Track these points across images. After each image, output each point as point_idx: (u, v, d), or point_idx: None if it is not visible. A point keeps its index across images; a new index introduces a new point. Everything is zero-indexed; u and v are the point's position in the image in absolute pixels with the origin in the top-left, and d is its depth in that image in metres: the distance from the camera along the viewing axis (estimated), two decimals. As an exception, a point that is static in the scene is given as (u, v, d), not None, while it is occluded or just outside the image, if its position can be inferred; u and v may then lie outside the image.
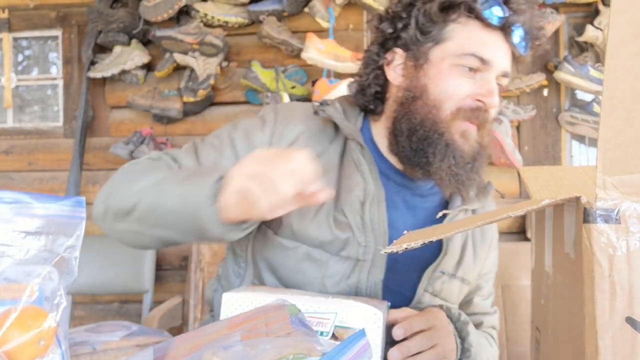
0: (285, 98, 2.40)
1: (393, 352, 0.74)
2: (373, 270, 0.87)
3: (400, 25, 0.88)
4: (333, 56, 2.33)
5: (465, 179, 0.86)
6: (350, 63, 2.32)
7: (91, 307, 2.68)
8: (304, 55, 2.33)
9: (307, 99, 2.51)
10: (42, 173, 2.74)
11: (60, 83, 2.77)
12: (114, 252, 2.46)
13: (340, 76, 2.39)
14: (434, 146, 0.85)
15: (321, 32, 2.43)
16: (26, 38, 2.84)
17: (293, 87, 2.47)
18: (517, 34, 0.85)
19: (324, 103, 0.93)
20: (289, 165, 0.67)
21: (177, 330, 2.17)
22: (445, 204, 0.95)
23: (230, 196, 0.70)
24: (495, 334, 1.02)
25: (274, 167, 0.67)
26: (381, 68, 0.91)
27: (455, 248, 0.92)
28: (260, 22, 2.45)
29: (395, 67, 0.90)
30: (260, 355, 0.44)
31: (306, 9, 2.45)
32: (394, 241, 0.55)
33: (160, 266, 2.60)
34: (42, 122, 2.81)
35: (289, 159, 0.68)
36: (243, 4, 2.49)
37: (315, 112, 0.91)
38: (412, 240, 0.49)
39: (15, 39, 2.82)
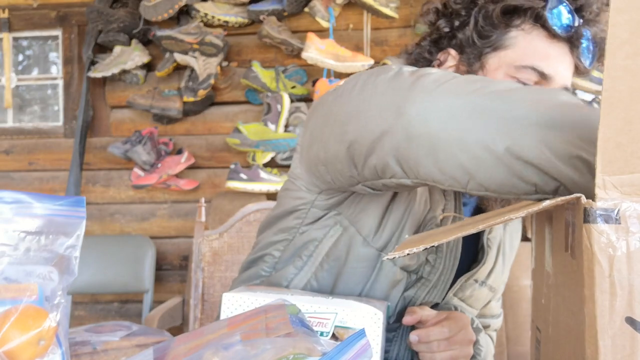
0: (286, 98, 2.40)
1: (412, 335, 0.78)
2: (433, 290, 0.84)
3: (457, 23, 0.82)
4: (333, 56, 2.33)
5: None
6: (351, 63, 2.32)
7: (91, 307, 2.68)
8: (304, 55, 2.34)
9: (307, 99, 2.51)
10: (42, 173, 2.74)
11: (60, 83, 2.78)
12: (114, 252, 2.46)
13: (340, 76, 2.39)
14: None
15: (321, 32, 2.43)
16: (26, 38, 2.84)
17: (293, 87, 2.48)
18: (586, 47, 0.78)
19: None
20: None
21: (177, 330, 2.18)
22: (477, 212, 0.91)
23: None
24: (495, 336, 1.03)
25: None
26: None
27: (491, 257, 0.90)
28: (261, 21, 2.45)
29: (447, 70, 0.82)
30: (260, 355, 0.44)
31: (306, 9, 2.45)
32: (396, 247, 0.55)
33: (160, 266, 2.61)
34: (42, 122, 2.82)
35: None
36: (243, 4, 2.49)
37: None
38: (414, 245, 0.49)
39: (15, 39, 2.82)
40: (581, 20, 0.77)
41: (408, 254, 0.47)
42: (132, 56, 2.49)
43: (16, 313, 0.44)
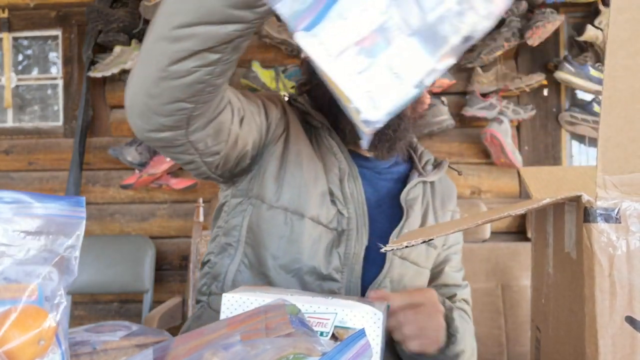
0: (285, 98, 2.40)
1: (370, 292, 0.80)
2: (359, 237, 0.95)
3: None
4: (333, 56, 2.33)
5: (393, 135, 0.97)
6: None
7: (91, 307, 2.68)
8: (303, 55, 2.33)
9: (307, 98, 2.51)
10: (42, 173, 2.74)
11: (60, 83, 2.78)
12: (114, 252, 2.46)
13: (340, 76, 2.39)
14: None
15: (321, 32, 2.43)
16: (26, 38, 2.84)
17: (293, 87, 2.47)
18: None
19: (292, 96, 1.08)
20: None
21: (177, 330, 2.18)
22: (403, 181, 1.05)
23: None
24: (469, 309, 1.06)
25: None
26: None
27: (415, 214, 1.00)
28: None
29: None
30: (260, 355, 0.44)
31: (306, 9, 2.45)
32: (394, 240, 0.55)
33: (160, 266, 2.61)
34: (42, 122, 2.81)
35: None
36: (243, 4, 2.49)
37: (290, 103, 1.04)
38: (412, 238, 0.49)
39: (15, 39, 2.82)
40: None
41: (406, 247, 0.48)
42: (132, 56, 2.49)
43: (16, 313, 0.44)
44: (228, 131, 0.86)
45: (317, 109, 1.04)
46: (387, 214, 1.00)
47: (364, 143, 0.59)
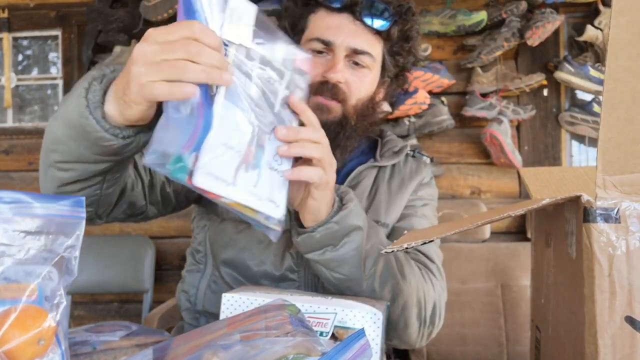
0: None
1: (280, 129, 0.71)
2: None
3: (286, 23, 1.02)
4: (333, 56, 2.33)
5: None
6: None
7: (91, 307, 2.68)
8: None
9: (307, 98, 2.51)
10: (42, 173, 2.74)
11: (60, 83, 2.77)
12: (113, 252, 2.46)
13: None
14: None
15: (321, 32, 2.43)
16: (26, 38, 2.84)
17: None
18: (365, 12, 0.93)
19: None
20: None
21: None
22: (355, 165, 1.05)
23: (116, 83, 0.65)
24: (433, 267, 0.99)
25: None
26: None
27: (357, 197, 0.95)
28: (260, 22, 2.45)
29: None
30: (260, 355, 0.44)
31: (306, 9, 2.46)
32: (395, 242, 0.55)
33: (160, 266, 2.61)
34: (42, 122, 2.81)
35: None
36: (243, 4, 2.49)
37: None
38: (412, 240, 0.49)
39: (15, 39, 2.82)
40: None
41: (406, 248, 0.48)
42: (131, 56, 2.49)
43: (16, 313, 0.44)
44: (143, 200, 0.94)
45: None
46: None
47: (274, 237, 0.67)
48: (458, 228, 0.49)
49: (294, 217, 0.84)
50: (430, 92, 2.37)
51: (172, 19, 2.49)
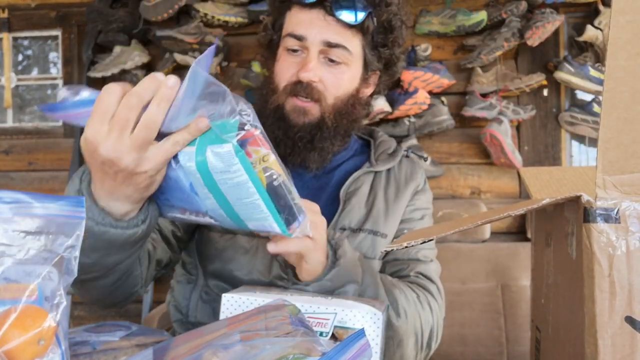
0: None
1: (270, 245, 0.74)
2: None
3: (269, 27, 1.03)
4: (333, 56, 2.33)
5: (305, 149, 0.95)
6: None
7: (91, 307, 2.68)
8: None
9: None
10: (42, 173, 2.74)
11: (60, 83, 2.78)
12: (113, 252, 2.46)
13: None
14: (276, 124, 0.95)
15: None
16: (26, 38, 2.84)
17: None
18: (336, 6, 0.92)
19: None
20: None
21: (177, 330, 2.17)
22: (348, 174, 1.02)
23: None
24: (433, 287, 0.97)
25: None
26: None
27: (356, 205, 0.99)
28: (260, 21, 2.44)
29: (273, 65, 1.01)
30: (260, 355, 0.44)
31: (306, 9, 2.45)
32: (395, 240, 0.55)
33: (160, 266, 2.60)
34: (42, 122, 2.81)
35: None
36: (243, 4, 2.49)
37: None
38: (412, 239, 0.49)
39: (15, 39, 2.82)
40: None
41: (406, 247, 0.48)
42: (131, 56, 2.49)
43: (16, 313, 0.44)
44: (167, 253, 0.97)
45: None
46: (322, 210, 0.96)
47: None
48: (458, 228, 0.49)
49: (287, 265, 0.85)
50: (430, 92, 2.37)
51: (172, 19, 2.49)
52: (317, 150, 0.96)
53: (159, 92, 0.59)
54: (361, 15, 0.92)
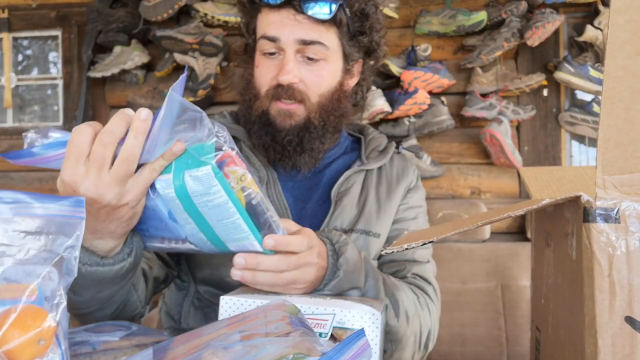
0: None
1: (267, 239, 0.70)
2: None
3: (244, 31, 1.02)
4: (333, 56, 2.33)
5: (295, 152, 0.94)
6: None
7: (91, 307, 2.68)
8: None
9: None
10: (42, 173, 2.74)
11: (60, 83, 2.78)
12: (113, 252, 2.46)
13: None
14: (263, 130, 0.95)
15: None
16: (26, 38, 2.84)
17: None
18: (305, 4, 0.89)
19: (214, 114, 1.09)
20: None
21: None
22: (339, 173, 1.01)
23: None
24: (430, 288, 0.98)
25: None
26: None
27: (348, 205, 0.98)
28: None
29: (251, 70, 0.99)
30: (260, 355, 0.44)
31: (306, 9, 2.45)
32: (394, 242, 0.55)
33: (160, 266, 2.60)
34: (42, 122, 2.81)
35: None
36: (243, 4, 2.49)
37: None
38: (413, 240, 0.49)
39: (15, 39, 2.82)
40: None
41: (406, 249, 0.48)
42: (131, 56, 2.49)
43: (16, 313, 0.44)
44: (163, 270, 0.95)
45: (238, 123, 1.06)
46: (313, 211, 0.98)
47: None
48: (458, 228, 0.49)
49: None
50: (430, 92, 2.37)
51: (172, 19, 2.49)
52: (307, 152, 0.96)
53: (133, 125, 0.60)
54: (332, 8, 0.90)
